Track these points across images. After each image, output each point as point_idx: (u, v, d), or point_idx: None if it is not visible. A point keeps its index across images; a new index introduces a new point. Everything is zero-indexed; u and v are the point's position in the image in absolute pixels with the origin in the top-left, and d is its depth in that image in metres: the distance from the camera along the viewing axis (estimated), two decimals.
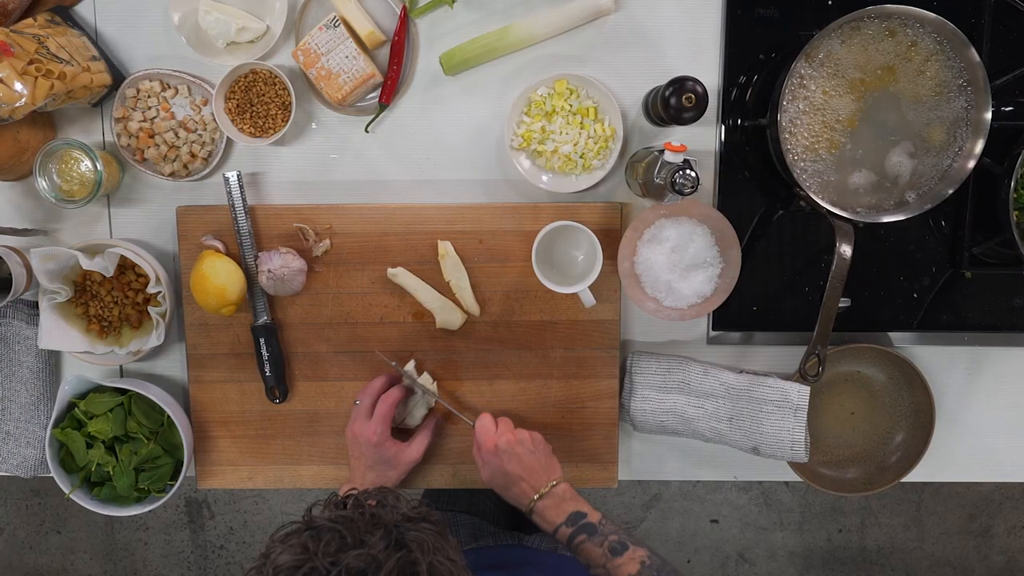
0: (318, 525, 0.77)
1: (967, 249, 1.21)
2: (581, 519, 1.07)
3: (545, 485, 1.10)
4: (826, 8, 1.19)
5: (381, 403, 1.18)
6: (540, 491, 1.10)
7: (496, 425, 1.15)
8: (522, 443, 1.12)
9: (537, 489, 1.10)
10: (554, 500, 1.09)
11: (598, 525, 1.07)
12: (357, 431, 1.17)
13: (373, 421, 1.17)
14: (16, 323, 1.25)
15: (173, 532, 2.53)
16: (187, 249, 1.22)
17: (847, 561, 2.53)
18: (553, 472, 1.13)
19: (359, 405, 1.19)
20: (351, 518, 0.78)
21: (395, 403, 1.19)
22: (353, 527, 0.76)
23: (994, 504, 2.51)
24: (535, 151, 1.20)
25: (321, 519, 0.78)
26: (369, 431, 1.16)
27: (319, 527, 0.76)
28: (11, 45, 1.03)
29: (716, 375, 1.22)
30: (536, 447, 1.13)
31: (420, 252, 1.22)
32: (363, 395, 1.19)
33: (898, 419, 1.30)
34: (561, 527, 1.08)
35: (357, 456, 1.18)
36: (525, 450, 1.12)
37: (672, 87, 1.06)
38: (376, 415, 1.17)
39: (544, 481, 1.11)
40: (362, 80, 1.17)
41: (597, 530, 1.06)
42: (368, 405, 1.18)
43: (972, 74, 1.09)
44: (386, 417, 1.17)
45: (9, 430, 1.27)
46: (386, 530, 0.77)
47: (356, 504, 0.81)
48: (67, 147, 1.16)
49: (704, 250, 1.16)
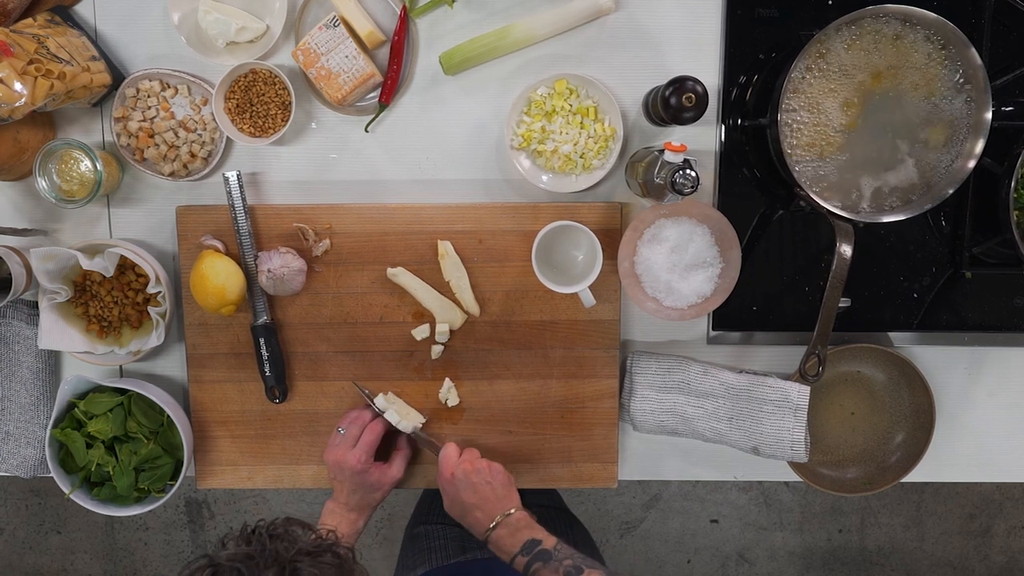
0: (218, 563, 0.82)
1: (967, 249, 1.21)
2: (536, 547, 1.07)
3: (499, 515, 1.11)
4: (826, 8, 1.19)
5: (368, 432, 1.19)
6: (495, 520, 1.11)
7: (459, 455, 1.18)
8: (479, 472, 1.14)
9: (491, 518, 1.11)
10: (509, 529, 1.10)
11: (552, 551, 1.06)
12: (341, 458, 1.18)
13: (358, 449, 1.18)
14: (16, 323, 1.25)
15: (173, 532, 2.53)
16: (187, 249, 1.22)
17: (847, 561, 2.53)
18: (509, 502, 1.13)
19: (344, 433, 1.20)
20: (251, 555, 0.82)
21: (381, 434, 1.20)
22: (251, 565, 0.81)
23: (994, 504, 2.51)
24: (535, 151, 1.20)
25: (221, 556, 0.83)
26: (353, 459, 1.17)
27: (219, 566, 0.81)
28: (11, 45, 1.03)
29: (716, 375, 1.22)
30: (493, 477, 1.15)
31: (420, 252, 1.22)
32: (348, 423, 1.21)
33: (898, 419, 1.30)
34: (517, 556, 1.08)
35: (340, 481, 1.19)
36: (481, 480, 1.14)
37: (672, 87, 1.06)
38: (361, 444, 1.18)
39: (497, 511, 1.12)
40: (362, 80, 1.17)
41: (552, 556, 1.06)
42: (354, 435, 1.19)
43: (972, 74, 1.09)
44: (372, 446, 1.19)
45: (9, 430, 1.27)
46: (280, 568, 0.81)
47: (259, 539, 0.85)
48: (67, 147, 1.16)
49: (704, 250, 1.16)
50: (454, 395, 1.24)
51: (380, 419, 1.21)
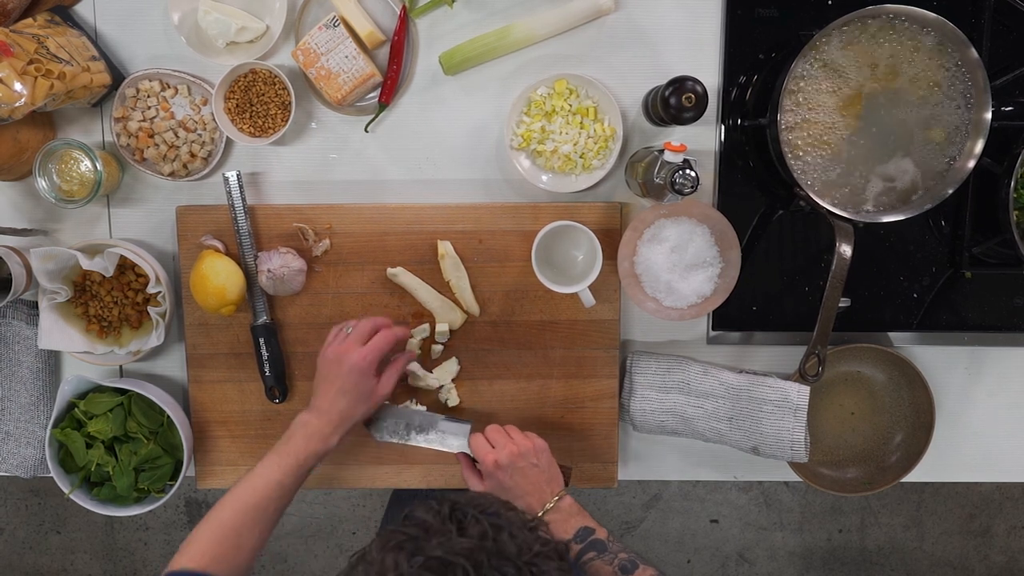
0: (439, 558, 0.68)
1: (967, 249, 1.21)
2: (590, 535, 1.04)
3: (550, 499, 1.06)
4: (826, 8, 1.19)
5: (382, 335, 1.09)
6: (545, 506, 1.06)
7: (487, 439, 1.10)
8: (524, 456, 1.07)
9: (542, 504, 1.06)
10: (561, 515, 1.06)
11: (607, 543, 1.04)
12: (343, 352, 1.08)
13: (367, 348, 1.08)
14: (16, 323, 1.25)
15: (173, 532, 2.53)
16: (187, 249, 1.22)
17: (847, 561, 2.53)
18: (556, 483, 1.09)
19: (352, 330, 1.10)
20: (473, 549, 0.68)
21: (393, 340, 1.11)
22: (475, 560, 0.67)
23: (994, 504, 2.51)
24: (535, 151, 1.20)
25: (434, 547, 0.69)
26: (359, 356, 1.07)
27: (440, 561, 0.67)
28: (11, 45, 1.03)
29: (716, 375, 1.22)
30: (539, 457, 1.08)
31: (420, 252, 1.22)
32: (361, 323, 1.10)
33: (898, 419, 1.30)
34: (569, 543, 1.03)
35: (331, 379, 1.08)
36: (528, 463, 1.07)
37: (672, 87, 1.06)
38: (372, 343, 1.08)
39: (548, 495, 1.07)
40: (362, 80, 1.17)
41: (607, 547, 1.03)
42: (364, 333, 1.09)
43: (972, 74, 1.09)
44: (380, 349, 1.09)
45: (9, 430, 1.27)
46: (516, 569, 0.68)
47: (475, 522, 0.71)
48: (67, 147, 1.16)
49: (704, 250, 1.16)
50: (454, 395, 1.24)
51: (396, 329, 1.11)
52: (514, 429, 1.12)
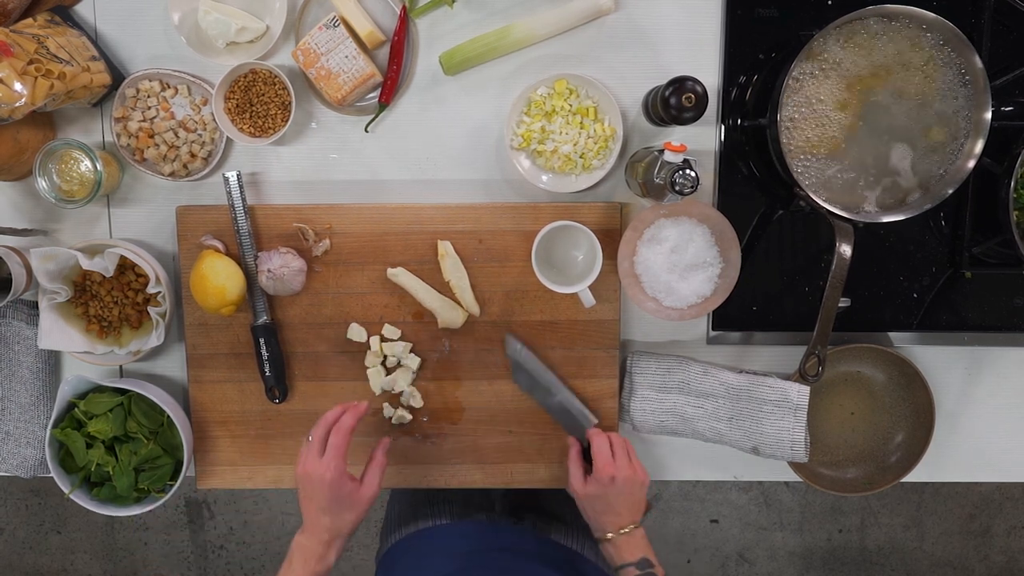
0: None
1: (967, 249, 1.21)
2: (648, 567, 1.12)
3: (628, 525, 1.14)
4: (826, 8, 1.19)
5: (335, 434, 1.08)
6: (622, 529, 1.14)
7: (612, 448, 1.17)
8: (633, 484, 1.15)
9: (622, 526, 1.14)
10: (632, 540, 1.14)
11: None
12: (309, 469, 1.07)
13: (326, 457, 1.06)
14: (16, 323, 1.25)
15: (173, 532, 2.53)
16: (187, 249, 1.22)
17: (847, 561, 2.53)
18: (639, 513, 1.17)
19: (310, 441, 1.08)
20: None
21: (349, 432, 1.08)
22: None
23: (994, 504, 2.51)
24: (535, 151, 1.20)
25: None
26: (322, 468, 1.06)
27: None
28: (11, 45, 1.03)
29: (716, 375, 1.22)
30: (642, 491, 1.16)
31: (420, 252, 1.22)
32: (314, 430, 1.09)
33: (898, 419, 1.30)
34: (629, 567, 1.12)
35: (309, 498, 1.08)
36: (635, 487, 1.15)
37: (672, 87, 1.06)
38: (330, 449, 1.07)
39: (628, 520, 1.15)
40: (362, 80, 1.17)
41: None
42: (320, 438, 1.08)
43: (972, 74, 1.09)
44: (340, 449, 1.07)
45: (9, 430, 1.27)
46: None
47: None
48: (67, 147, 1.16)
49: (704, 250, 1.16)
50: (418, 399, 1.24)
51: (347, 416, 1.09)
52: (633, 451, 1.19)
